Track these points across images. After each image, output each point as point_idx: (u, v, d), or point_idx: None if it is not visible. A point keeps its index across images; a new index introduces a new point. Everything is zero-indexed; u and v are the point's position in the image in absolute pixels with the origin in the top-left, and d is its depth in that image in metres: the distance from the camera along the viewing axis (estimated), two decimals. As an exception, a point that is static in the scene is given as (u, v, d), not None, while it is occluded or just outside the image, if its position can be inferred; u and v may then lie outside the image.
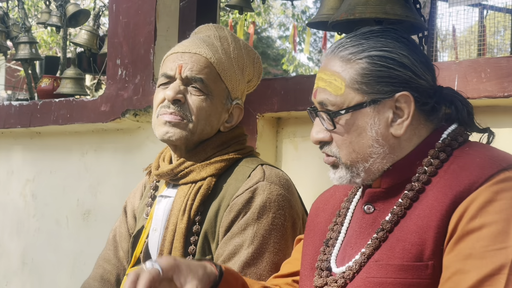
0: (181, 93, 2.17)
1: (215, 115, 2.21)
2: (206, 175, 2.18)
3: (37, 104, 4.02)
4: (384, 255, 1.59)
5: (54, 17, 5.26)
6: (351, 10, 2.76)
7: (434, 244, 1.53)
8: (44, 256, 4.10)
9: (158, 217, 2.25)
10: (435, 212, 1.55)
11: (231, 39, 2.30)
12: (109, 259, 2.42)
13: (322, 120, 1.68)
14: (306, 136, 3.01)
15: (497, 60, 2.35)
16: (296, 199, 2.20)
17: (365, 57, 1.63)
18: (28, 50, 5.13)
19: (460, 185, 1.54)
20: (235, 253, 2.07)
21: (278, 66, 18.52)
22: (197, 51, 2.20)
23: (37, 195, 4.19)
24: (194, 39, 2.27)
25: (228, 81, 2.23)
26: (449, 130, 1.68)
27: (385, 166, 1.65)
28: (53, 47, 12.52)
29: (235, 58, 2.27)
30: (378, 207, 1.67)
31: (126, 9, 3.50)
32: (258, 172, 2.15)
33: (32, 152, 4.26)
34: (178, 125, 2.16)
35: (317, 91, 1.68)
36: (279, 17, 18.94)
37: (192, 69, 2.17)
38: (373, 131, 1.63)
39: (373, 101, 1.62)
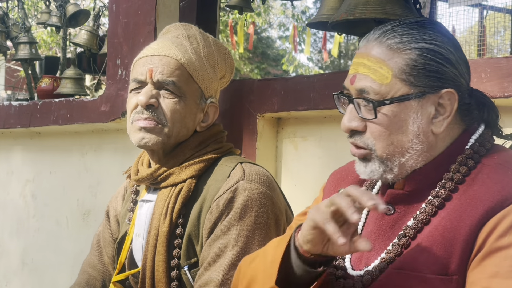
0: (153, 97, 2.14)
1: (190, 116, 2.19)
2: (186, 177, 2.16)
3: (37, 104, 4.02)
4: (406, 264, 1.54)
5: (54, 17, 5.26)
6: (351, 10, 2.76)
7: (460, 259, 1.49)
8: (44, 256, 4.10)
9: (140, 222, 2.23)
10: (463, 226, 1.50)
11: (199, 37, 2.27)
12: (94, 265, 2.40)
13: (357, 108, 1.61)
14: (306, 136, 3.01)
15: (497, 60, 2.35)
16: (278, 195, 2.17)
17: (414, 48, 1.58)
18: (28, 50, 5.12)
19: (492, 200, 1.49)
20: (220, 255, 2.05)
21: (278, 67, 18.51)
22: (167, 53, 2.17)
23: (37, 195, 4.19)
24: (163, 40, 2.24)
25: (201, 80, 2.20)
26: (477, 134, 1.64)
27: (418, 164, 1.60)
28: (53, 47, 12.52)
29: (205, 56, 2.24)
30: (399, 209, 1.63)
31: (126, 9, 3.49)
32: (238, 171, 2.13)
33: (32, 152, 4.26)
34: (153, 130, 2.14)
35: (356, 77, 1.61)
36: (279, 17, 18.93)
37: (163, 72, 2.14)
38: (415, 125, 1.58)
39: (420, 94, 1.57)
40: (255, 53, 18.44)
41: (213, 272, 2.04)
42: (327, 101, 2.79)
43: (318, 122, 2.96)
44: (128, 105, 2.20)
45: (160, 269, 2.13)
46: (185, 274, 2.12)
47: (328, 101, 2.79)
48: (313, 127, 2.98)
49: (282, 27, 19.40)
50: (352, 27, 3.13)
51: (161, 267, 2.13)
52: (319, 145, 2.97)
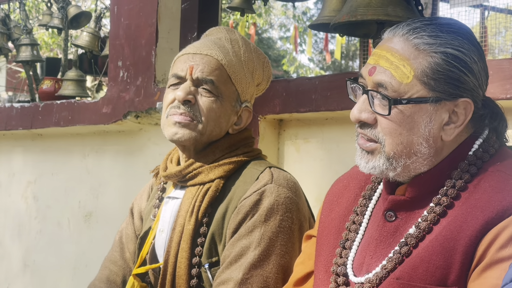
0: (191, 94, 2.17)
1: (225, 117, 2.21)
2: (215, 177, 2.18)
3: (39, 106, 4.02)
4: (406, 274, 1.53)
5: (56, 19, 5.25)
6: (352, 12, 2.75)
7: (460, 270, 1.48)
8: (45, 258, 4.10)
9: (165, 218, 2.25)
10: (463, 236, 1.49)
11: (241, 42, 2.29)
12: (115, 261, 2.41)
13: (371, 100, 1.59)
14: (308, 138, 3.01)
15: (499, 62, 2.35)
16: (303, 202, 2.19)
17: (441, 53, 1.55)
18: (30, 52, 5.12)
19: (493, 210, 1.48)
20: (242, 254, 2.06)
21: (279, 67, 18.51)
22: (208, 53, 2.19)
23: (38, 197, 4.19)
24: (205, 41, 2.27)
25: (238, 83, 2.23)
26: (480, 139, 1.62)
27: (422, 168, 1.59)
28: (54, 49, 12.52)
29: (245, 61, 2.26)
30: (400, 216, 1.61)
31: (127, 11, 3.50)
32: (266, 175, 2.15)
33: (33, 154, 4.26)
34: (188, 126, 2.16)
35: (376, 70, 1.59)
36: (280, 18, 18.93)
37: (203, 70, 2.17)
38: (426, 129, 1.56)
39: (437, 99, 1.55)
40: (256, 54, 18.42)
41: (233, 271, 2.06)
42: (329, 103, 2.79)
43: (320, 124, 2.96)
44: (165, 100, 2.23)
45: (182, 266, 2.14)
46: (205, 272, 2.14)
47: (330, 103, 2.79)
48: (315, 129, 2.98)
49: (283, 28, 19.42)
50: (353, 28, 3.13)
51: (184, 264, 2.14)
52: (321, 147, 2.97)
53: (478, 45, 1.62)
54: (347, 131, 2.81)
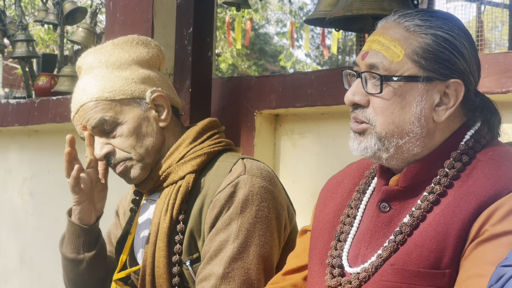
0: (105, 146, 2.16)
1: (142, 129, 2.18)
2: (184, 173, 2.17)
3: (35, 102, 4.01)
4: (400, 260, 1.55)
5: (51, 15, 5.24)
6: (348, 6, 2.76)
7: (453, 252, 1.50)
8: (42, 254, 4.10)
9: (143, 221, 2.26)
10: (456, 220, 1.51)
11: (104, 50, 2.22)
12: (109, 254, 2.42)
13: (364, 82, 1.62)
14: (304, 133, 3.01)
15: (495, 56, 2.35)
16: (279, 190, 2.18)
17: (430, 34, 1.59)
18: (25, 48, 5.11)
19: (485, 194, 1.50)
20: (221, 248, 2.06)
21: (275, 63, 18.50)
22: (79, 104, 2.17)
23: (35, 193, 4.19)
24: (78, 87, 2.21)
25: (127, 93, 2.17)
26: (472, 130, 1.64)
27: (415, 149, 1.60)
28: (50, 45, 12.50)
29: (116, 65, 2.19)
30: (394, 206, 1.62)
31: (123, 7, 3.49)
32: (239, 166, 2.14)
33: (29, 150, 4.26)
34: (128, 170, 2.18)
35: (369, 53, 1.63)
36: (277, 13, 18.93)
37: (90, 120, 2.15)
38: (418, 108, 1.58)
39: (428, 78, 1.58)
40: (253, 50, 18.43)
41: (214, 266, 2.05)
42: (325, 97, 2.79)
43: (316, 119, 2.96)
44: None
45: (161, 265, 2.14)
46: (187, 269, 2.13)
47: (326, 98, 2.79)
48: (311, 124, 2.98)
49: (280, 23, 19.41)
50: (349, 23, 3.13)
51: (162, 263, 2.14)
52: (317, 142, 2.97)
53: (469, 35, 1.65)
54: (343, 126, 2.81)
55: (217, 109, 3.12)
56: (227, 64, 15.48)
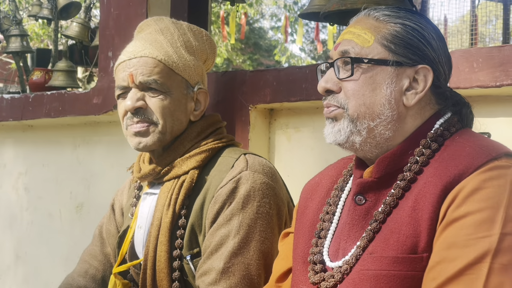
0: (139, 100, 2.17)
1: (180, 109, 2.21)
2: (188, 168, 2.18)
3: (29, 97, 4.01)
4: (378, 247, 1.57)
5: (45, 10, 5.24)
6: (342, 0, 2.76)
7: (428, 236, 1.52)
8: (37, 249, 4.10)
9: (143, 214, 2.25)
10: (427, 204, 1.53)
11: (173, 27, 2.27)
12: (95, 255, 2.41)
13: (336, 70, 1.66)
14: (299, 127, 3.01)
15: (489, 50, 2.35)
16: (280, 187, 2.19)
17: (399, 23, 1.65)
18: (19, 43, 5.10)
19: (450, 175, 1.53)
20: (222, 243, 2.07)
21: (270, 57, 18.49)
22: (143, 54, 2.18)
23: (29, 188, 4.18)
24: (137, 41, 2.25)
25: (183, 71, 2.21)
26: (442, 119, 1.67)
27: (387, 132, 1.64)
28: (45, 40, 12.47)
29: (182, 45, 2.25)
30: (369, 198, 1.65)
31: (117, 1, 3.48)
32: (241, 162, 2.15)
33: (24, 145, 4.25)
34: (147, 132, 2.17)
35: (341, 43, 1.68)
36: (271, 8, 18.90)
37: (143, 73, 2.16)
38: (388, 90, 1.62)
39: (397, 62, 1.63)
40: (247, 44, 18.41)
41: (214, 260, 2.06)
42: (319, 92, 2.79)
43: (311, 113, 2.96)
44: (119, 112, 2.23)
45: (162, 259, 2.14)
46: (187, 263, 2.14)
47: (321, 92, 2.79)
48: (305, 118, 2.98)
49: (274, 17, 19.38)
50: (344, 17, 3.13)
51: (163, 257, 2.14)
52: (312, 136, 2.97)
53: (437, 29, 1.72)
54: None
55: (211, 103, 3.12)
56: (222, 59, 15.47)
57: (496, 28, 10.88)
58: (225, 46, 15.17)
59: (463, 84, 2.34)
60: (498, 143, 1.61)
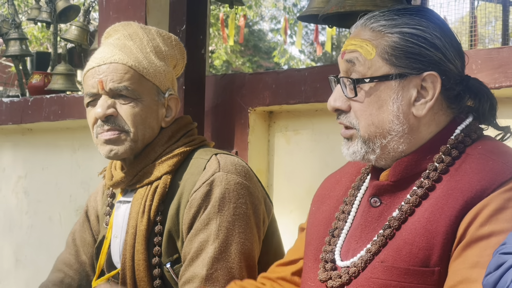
0: (110, 107, 2.11)
1: (151, 115, 2.15)
2: (160, 173, 2.13)
3: (28, 100, 4.00)
4: (390, 257, 1.55)
5: (44, 13, 5.24)
6: (341, 3, 2.75)
7: (441, 250, 1.50)
8: (37, 253, 4.10)
9: (118, 223, 2.21)
10: (444, 217, 1.50)
11: (141, 33, 2.22)
12: (70, 264, 2.37)
13: (343, 87, 1.64)
14: (298, 129, 3.01)
15: (488, 51, 2.35)
16: (255, 184, 2.15)
17: (396, 32, 1.60)
18: (19, 46, 5.10)
19: (472, 190, 1.50)
20: (202, 249, 2.03)
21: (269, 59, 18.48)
22: (112, 60, 2.12)
23: (29, 192, 4.18)
24: (106, 46, 2.19)
25: (153, 77, 2.16)
26: (463, 125, 1.64)
27: (400, 146, 1.61)
28: (44, 43, 12.47)
29: (152, 51, 2.19)
30: (385, 200, 1.63)
31: (116, 5, 3.48)
32: (213, 163, 2.10)
33: (23, 148, 4.25)
34: (118, 140, 2.12)
35: (346, 52, 1.65)
36: (271, 10, 18.90)
37: (113, 79, 2.10)
38: (394, 106, 1.59)
39: (400, 75, 1.59)
40: (247, 46, 18.40)
41: (196, 267, 2.02)
42: (318, 94, 2.79)
43: (310, 115, 2.96)
44: (89, 120, 2.17)
45: (141, 268, 2.11)
46: (168, 271, 2.11)
47: (320, 94, 2.79)
48: (305, 120, 2.98)
49: (274, 19, 19.38)
50: (342, 19, 3.12)
51: (142, 266, 2.11)
52: (311, 138, 2.97)
53: (442, 23, 1.65)
54: (337, 123, 2.81)
55: (210, 106, 3.12)
56: (221, 61, 15.45)
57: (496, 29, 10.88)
58: (225, 48, 15.16)
59: (462, 86, 2.34)
60: None
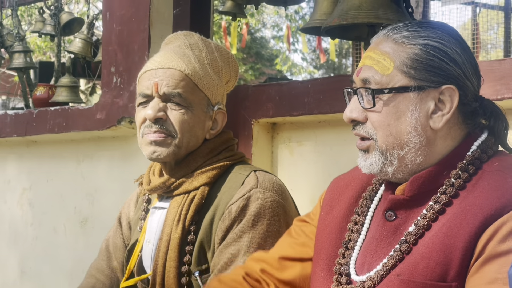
0: (161, 110, 2.16)
1: (199, 125, 2.20)
2: (199, 184, 2.17)
3: (33, 113, 4.02)
4: (406, 270, 1.54)
5: (48, 26, 5.26)
6: (343, 15, 2.76)
7: (459, 266, 1.49)
8: (42, 264, 4.10)
9: (151, 229, 2.24)
10: (463, 233, 1.50)
11: (202, 44, 2.27)
12: (102, 270, 2.40)
13: (360, 98, 1.64)
14: (301, 141, 3.02)
15: (490, 63, 2.36)
16: (290, 204, 2.19)
17: (418, 44, 1.61)
18: (23, 59, 5.12)
19: (491, 208, 1.50)
20: (232, 261, 2.06)
21: (272, 67, 18.50)
22: (170, 65, 2.17)
23: (34, 203, 4.19)
24: (165, 52, 2.25)
25: (206, 89, 2.21)
26: (479, 140, 1.64)
27: (418, 158, 1.61)
28: (47, 52, 12.50)
29: (209, 63, 2.25)
30: (400, 215, 1.63)
31: (119, 17, 3.50)
32: (252, 179, 2.14)
33: (28, 160, 4.26)
34: (164, 143, 2.16)
35: (362, 69, 1.65)
36: (272, 17, 18.93)
37: (168, 84, 2.15)
38: (412, 117, 1.59)
39: (419, 87, 1.59)
40: (249, 54, 18.43)
41: None
42: (322, 106, 2.80)
43: (313, 127, 2.97)
44: (137, 119, 2.22)
45: (171, 275, 2.14)
46: (196, 280, 2.13)
47: (323, 106, 2.80)
48: (308, 132, 2.99)
49: (276, 27, 19.41)
50: (345, 31, 3.14)
51: (172, 273, 2.14)
52: (314, 150, 2.97)
53: (462, 40, 1.66)
54: (340, 134, 2.82)
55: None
56: (224, 69, 15.46)
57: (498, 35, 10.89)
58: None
59: (464, 98, 2.35)
60: None
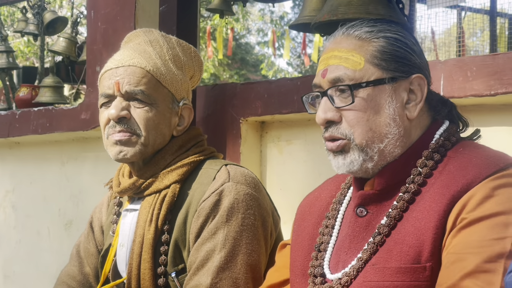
0: (124, 109, 2.12)
1: (164, 122, 2.16)
2: (170, 182, 2.14)
3: (16, 113, 3.97)
4: (381, 259, 1.55)
5: (31, 25, 5.20)
6: (333, 11, 2.73)
7: (432, 245, 1.51)
8: (26, 268, 4.05)
9: (124, 232, 2.20)
10: (432, 213, 1.52)
11: (162, 40, 2.24)
12: (74, 276, 2.36)
13: (331, 100, 1.63)
14: (290, 139, 2.99)
15: (483, 58, 2.34)
16: (264, 196, 2.16)
17: (382, 37, 1.64)
18: (5, 59, 5.07)
19: (458, 185, 1.53)
20: (208, 258, 2.03)
21: (257, 72, 18.51)
22: (131, 63, 2.14)
23: (17, 206, 4.14)
24: (125, 50, 2.21)
25: (170, 85, 2.18)
26: (441, 129, 1.67)
27: (396, 150, 1.62)
28: (30, 57, 12.42)
29: (171, 59, 2.21)
30: (371, 210, 1.64)
31: (104, 15, 3.46)
32: (223, 173, 2.11)
33: (11, 162, 4.21)
34: (129, 142, 2.12)
35: (328, 70, 1.64)
36: (257, 23, 18.95)
37: (130, 82, 2.12)
38: (390, 109, 1.61)
39: (392, 78, 1.62)
40: (234, 59, 18.43)
41: (201, 276, 2.02)
42: (311, 103, 2.76)
43: (302, 125, 2.94)
44: (101, 120, 2.18)
45: (147, 277, 2.10)
46: (173, 280, 2.10)
47: (312, 104, 2.76)
48: (297, 130, 2.96)
49: (261, 32, 19.43)
50: (335, 28, 3.08)
51: (147, 275, 2.10)
52: (304, 148, 2.95)
53: (414, 36, 1.72)
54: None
55: (202, 117, 3.09)
56: (209, 74, 15.47)
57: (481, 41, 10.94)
58: (212, 61, 15.18)
59: (457, 93, 2.33)
60: (505, 153, 1.60)
